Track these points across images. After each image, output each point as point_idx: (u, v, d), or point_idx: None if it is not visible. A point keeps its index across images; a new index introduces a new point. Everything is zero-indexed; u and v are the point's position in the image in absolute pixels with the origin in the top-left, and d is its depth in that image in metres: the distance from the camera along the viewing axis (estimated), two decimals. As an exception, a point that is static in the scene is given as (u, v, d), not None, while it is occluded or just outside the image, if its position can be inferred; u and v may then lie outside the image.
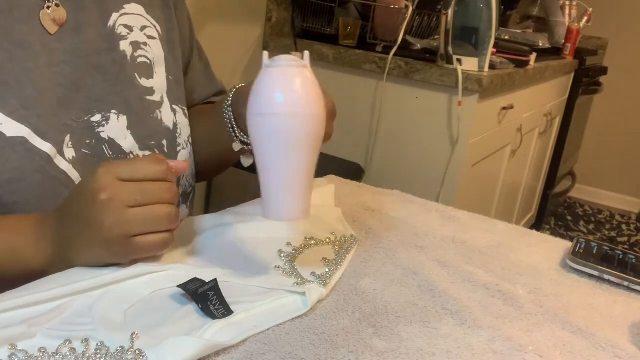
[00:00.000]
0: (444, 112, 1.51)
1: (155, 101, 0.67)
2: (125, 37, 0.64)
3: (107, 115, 0.61)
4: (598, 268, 0.62)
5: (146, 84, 0.66)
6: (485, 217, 0.77)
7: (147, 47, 0.66)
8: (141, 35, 0.66)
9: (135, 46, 0.65)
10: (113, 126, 0.62)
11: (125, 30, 0.64)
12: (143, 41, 0.66)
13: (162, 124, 0.67)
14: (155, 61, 0.67)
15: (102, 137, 0.61)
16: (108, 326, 0.43)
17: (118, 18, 0.64)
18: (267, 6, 1.72)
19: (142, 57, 0.66)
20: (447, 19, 1.44)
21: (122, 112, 0.63)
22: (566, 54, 2.43)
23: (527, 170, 2.31)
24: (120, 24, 0.64)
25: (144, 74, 0.66)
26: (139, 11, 0.66)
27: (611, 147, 3.52)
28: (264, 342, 0.45)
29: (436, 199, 1.54)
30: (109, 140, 0.61)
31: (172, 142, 0.68)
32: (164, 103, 0.68)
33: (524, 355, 0.47)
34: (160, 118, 0.67)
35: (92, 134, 0.60)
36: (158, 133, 0.66)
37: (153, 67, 0.67)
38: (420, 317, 0.51)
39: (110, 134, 0.61)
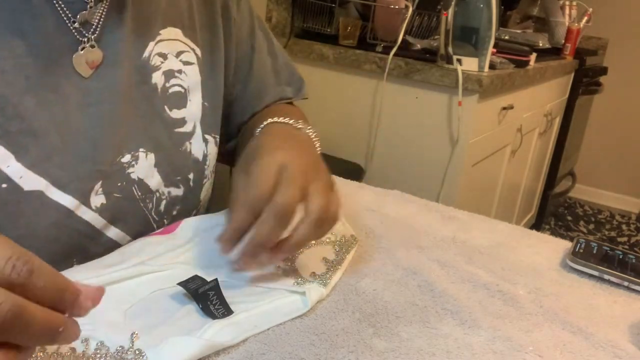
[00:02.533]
0: (444, 112, 1.51)
1: (185, 132, 0.62)
2: (158, 68, 0.59)
3: (136, 154, 0.57)
4: (598, 268, 0.62)
5: (176, 115, 0.61)
6: (485, 217, 0.77)
7: (182, 75, 0.62)
8: (176, 62, 0.61)
9: (167, 75, 0.60)
10: (142, 165, 0.58)
11: (159, 60, 0.59)
12: (178, 68, 0.61)
13: (191, 156, 0.63)
14: (190, 88, 0.63)
15: (132, 177, 0.57)
16: (108, 326, 0.43)
17: (154, 47, 0.59)
18: (267, 6, 1.72)
19: (175, 86, 0.61)
20: (447, 19, 1.44)
21: (150, 149, 0.58)
22: (566, 54, 2.43)
23: (527, 170, 2.31)
24: (155, 54, 0.59)
25: (175, 104, 0.61)
26: (175, 35, 0.61)
27: (611, 147, 3.52)
28: (264, 342, 0.45)
29: (436, 199, 1.54)
30: (138, 180, 0.58)
31: (198, 175, 0.64)
32: (195, 133, 0.64)
33: (524, 355, 0.47)
34: (189, 150, 0.63)
35: (123, 176, 0.56)
36: (185, 167, 0.63)
37: (187, 95, 0.63)
38: (420, 317, 0.51)
39: (140, 174, 0.58)
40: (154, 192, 0.59)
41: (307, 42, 1.68)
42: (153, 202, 0.59)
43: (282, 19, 1.77)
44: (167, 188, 0.60)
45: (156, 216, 0.60)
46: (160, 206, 0.60)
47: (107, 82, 0.54)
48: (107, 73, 0.54)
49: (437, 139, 1.53)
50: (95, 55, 0.53)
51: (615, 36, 3.36)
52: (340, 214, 0.53)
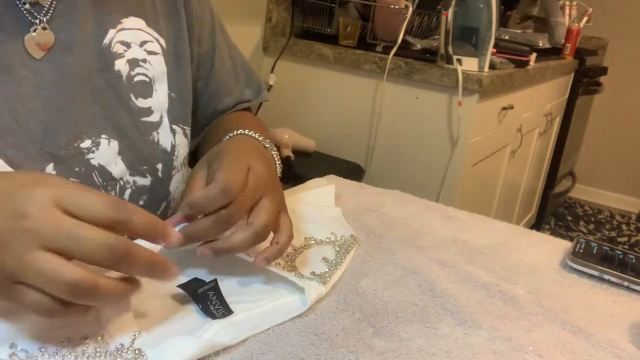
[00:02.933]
0: (444, 112, 1.51)
1: (152, 122, 0.63)
2: (121, 55, 0.59)
3: (97, 140, 0.57)
4: (598, 268, 0.62)
5: (143, 104, 0.62)
6: (485, 217, 0.77)
7: (147, 64, 0.62)
8: (140, 51, 0.61)
9: (132, 64, 0.60)
10: (103, 152, 0.58)
11: (122, 48, 0.59)
12: (142, 58, 0.61)
13: (158, 146, 0.63)
14: (155, 78, 0.63)
15: (92, 164, 0.57)
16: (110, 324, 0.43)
17: (115, 35, 0.59)
18: (267, 6, 1.72)
19: (140, 75, 0.61)
20: (447, 19, 1.44)
21: (113, 136, 0.59)
22: (566, 54, 2.43)
23: (527, 170, 2.31)
24: (116, 41, 0.59)
25: (141, 93, 0.61)
26: (138, 25, 0.61)
27: (611, 147, 3.52)
28: (264, 342, 0.45)
29: (436, 199, 1.54)
30: (99, 167, 0.57)
31: (167, 166, 0.64)
32: (163, 123, 0.64)
33: (524, 355, 0.47)
34: (157, 140, 0.63)
35: (81, 161, 0.56)
36: (153, 157, 0.63)
37: (153, 85, 0.63)
38: (420, 317, 0.51)
39: (101, 160, 0.58)
40: (117, 180, 0.59)
41: (307, 42, 1.68)
42: (116, 190, 0.59)
43: (282, 19, 1.77)
44: (132, 177, 0.60)
45: None
46: (125, 195, 0.60)
47: (60, 66, 0.54)
48: (59, 56, 0.54)
49: (437, 139, 1.53)
50: (47, 37, 0.53)
51: (615, 36, 3.36)
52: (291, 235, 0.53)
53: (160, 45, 0.64)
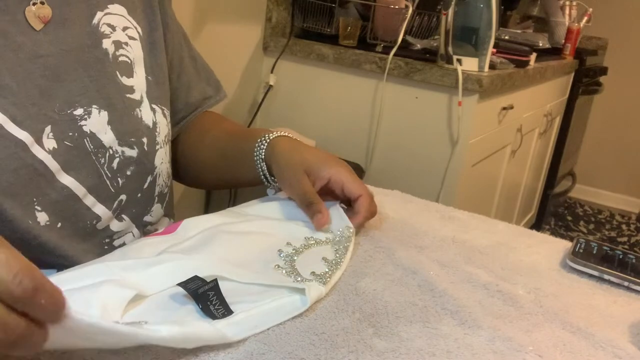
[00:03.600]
0: (444, 112, 1.51)
1: (135, 99, 0.67)
2: (108, 36, 0.65)
3: (88, 109, 0.62)
4: (598, 268, 0.62)
5: (127, 82, 0.66)
6: (485, 217, 0.77)
7: (128, 47, 0.67)
8: (123, 35, 0.67)
9: (117, 45, 0.66)
10: (94, 120, 0.62)
11: (109, 29, 0.65)
12: (124, 41, 0.67)
13: (142, 122, 0.67)
14: (135, 61, 0.68)
15: (84, 130, 0.61)
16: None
17: (102, 17, 0.65)
18: (267, 6, 1.72)
19: (123, 56, 0.66)
20: (447, 19, 1.44)
21: (103, 107, 0.63)
22: (566, 54, 2.43)
23: (527, 170, 2.31)
24: (104, 23, 0.65)
25: (125, 72, 0.66)
26: (121, 12, 0.67)
27: (611, 147, 3.52)
28: (264, 342, 0.45)
29: (436, 199, 1.54)
30: (90, 134, 0.61)
31: (151, 140, 0.68)
32: (144, 102, 0.68)
33: (524, 355, 0.47)
34: (140, 116, 0.67)
35: (74, 127, 0.60)
36: (138, 130, 0.67)
37: (133, 67, 0.68)
38: (420, 317, 0.51)
39: (92, 128, 0.62)
40: (107, 148, 0.63)
41: (307, 42, 1.68)
42: (106, 157, 0.63)
43: (282, 19, 1.77)
44: (120, 147, 0.64)
45: (109, 172, 0.64)
46: (113, 163, 0.64)
47: (56, 38, 0.59)
48: (56, 29, 0.59)
49: (437, 139, 1.53)
50: (45, 10, 0.59)
51: (615, 36, 3.36)
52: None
53: (137, 32, 0.69)
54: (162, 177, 0.71)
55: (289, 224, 0.65)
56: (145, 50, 0.70)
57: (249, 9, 1.67)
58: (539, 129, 2.27)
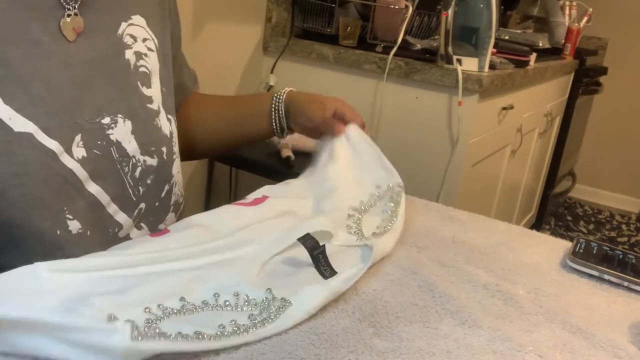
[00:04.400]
0: (444, 112, 1.51)
1: (154, 109, 0.69)
2: (130, 47, 0.66)
3: (114, 118, 0.63)
4: (598, 268, 0.62)
5: (147, 92, 0.68)
6: (485, 217, 0.77)
7: (147, 58, 0.69)
8: (142, 46, 0.68)
9: (137, 56, 0.67)
10: (120, 129, 0.63)
11: (131, 40, 0.66)
12: (144, 52, 0.68)
13: (161, 131, 0.69)
14: (152, 72, 0.70)
15: (111, 139, 0.62)
16: (247, 284, 0.51)
17: (126, 27, 0.66)
18: (267, 6, 1.72)
19: (143, 67, 0.68)
20: (447, 19, 1.44)
21: (127, 116, 0.64)
22: (566, 54, 2.43)
23: (527, 170, 2.31)
24: (127, 33, 0.66)
25: (145, 83, 0.68)
26: (142, 23, 0.69)
27: (611, 147, 3.52)
28: (264, 342, 0.45)
29: (436, 199, 1.54)
30: (117, 142, 0.63)
31: (169, 150, 0.70)
32: (161, 112, 0.70)
33: (524, 355, 0.47)
34: (160, 126, 0.69)
35: (102, 136, 0.61)
36: (159, 140, 0.68)
37: (151, 78, 0.69)
38: (420, 317, 0.51)
39: (118, 136, 0.63)
40: (131, 157, 0.65)
41: (307, 42, 1.68)
42: (129, 166, 0.65)
43: (282, 19, 1.77)
44: (142, 156, 0.66)
45: (131, 181, 0.65)
46: (136, 172, 0.65)
47: (87, 48, 0.61)
48: (87, 40, 0.61)
49: (437, 139, 1.53)
50: (79, 22, 0.60)
51: (615, 36, 3.36)
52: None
53: (155, 44, 0.70)
54: (177, 187, 0.73)
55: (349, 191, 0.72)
56: (160, 61, 0.71)
57: (249, 9, 1.67)
58: (539, 129, 2.27)
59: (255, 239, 0.59)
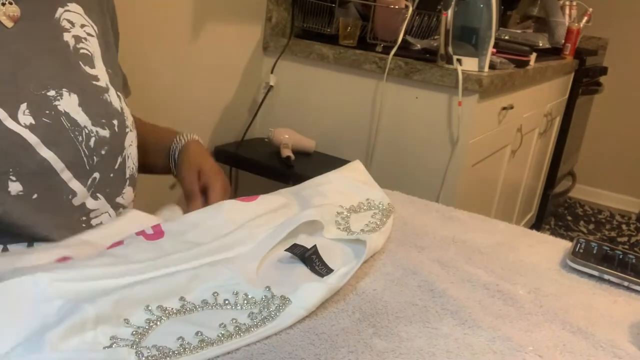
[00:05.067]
0: (444, 112, 1.51)
1: (101, 86, 0.71)
2: (68, 30, 0.69)
3: (59, 92, 0.65)
4: (598, 268, 0.62)
5: (91, 71, 0.71)
6: (485, 217, 0.77)
7: (87, 42, 0.72)
8: (81, 31, 0.71)
9: (77, 39, 0.70)
10: (66, 102, 0.65)
11: (68, 24, 0.69)
12: (83, 36, 0.71)
13: (111, 105, 0.71)
14: (94, 55, 0.72)
15: (59, 109, 0.64)
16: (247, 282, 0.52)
17: (63, 12, 0.69)
18: (267, 6, 1.72)
19: (83, 49, 0.71)
20: (447, 19, 1.44)
21: (73, 91, 0.66)
22: (566, 54, 2.43)
23: (527, 170, 2.31)
24: (64, 18, 0.69)
25: (87, 63, 0.71)
26: (78, 11, 0.72)
27: (611, 147, 3.52)
28: (264, 342, 0.45)
29: (436, 199, 1.54)
30: (65, 113, 0.65)
31: (121, 124, 0.72)
32: (110, 89, 0.72)
33: (524, 355, 0.47)
34: (109, 100, 0.71)
35: (50, 106, 0.63)
36: (108, 113, 0.70)
37: (94, 60, 0.72)
38: (420, 317, 0.51)
39: (66, 108, 0.65)
40: (82, 127, 0.66)
41: (307, 42, 1.68)
42: (83, 135, 0.66)
43: (282, 19, 1.77)
44: (94, 127, 0.68)
45: (86, 150, 0.67)
46: (90, 142, 0.67)
47: (25, 31, 0.64)
48: (25, 25, 0.64)
49: (437, 139, 1.53)
50: (14, 10, 0.63)
51: (615, 36, 3.36)
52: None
53: (94, 30, 0.74)
54: (131, 160, 0.75)
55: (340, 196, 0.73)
56: (102, 47, 0.74)
57: (249, 9, 1.67)
58: (539, 129, 2.27)
59: (251, 235, 0.60)
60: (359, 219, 0.69)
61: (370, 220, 0.69)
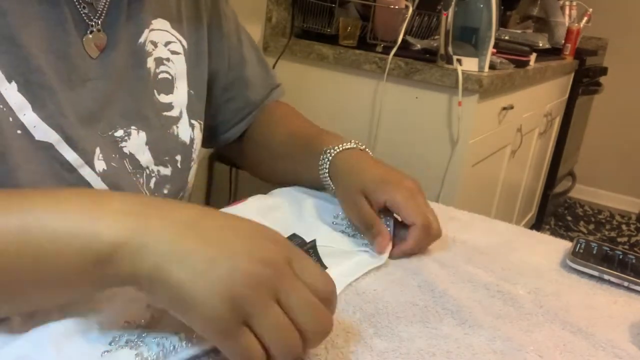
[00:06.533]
0: (444, 112, 1.51)
1: (172, 117, 0.67)
2: (150, 54, 0.64)
3: (128, 131, 0.62)
4: (598, 268, 0.62)
5: (165, 99, 0.66)
6: (486, 217, 0.77)
7: (170, 63, 0.67)
8: (165, 50, 0.66)
9: (158, 62, 0.65)
10: (134, 141, 0.62)
11: (152, 46, 0.64)
12: (166, 57, 0.66)
13: (178, 139, 0.68)
14: (177, 76, 0.68)
15: (124, 152, 0.61)
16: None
17: (148, 34, 0.64)
18: (267, 6, 1.72)
19: (163, 72, 0.66)
20: (447, 19, 1.44)
21: (142, 128, 0.63)
22: (566, 54, 2.43)
23: (527, 170, 2.31)
24: (149, 40, 0.64)
25: (164, 89, 0.66)
26: (164, 26, 0.66)
27: (611, 147, 3.52)
28: (264, 342, 0.45)
29: (436, 199, 1.54)
30: (130, 155, 0.62)
31: (186, 158, 0.68)
32: (182, 118, 0.68)
33: (524, 355, 0.47)
34: (176, 133, 0.68)
35: (116, 149, 0.61)
36: (173, 148, 0.67)
37: (174, 83, 0.67)
38: (420, 317, 0.51)
39: (131, 149, 0.62)
40: (144, 169, 0.64)
41: (307, 42, 1.68)
42: (143, 177, 0.64)
43: (282, 19, 1.77)
44: (156, 167, 0.65)
45: (147, 192, 0.65)
46: (151, 183, 0.65)
47: (108, 62, 0.59)
48: (109, 54, 0.59)
49: (437, 139, 1.53)
50: (101, 39, 0.58)
51: (615, 36, 3.36)
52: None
53: (182, 45, 0.68)
54: (189, 191, 0.72)
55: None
56: (189, 63, 0.69)
57: (249, 9, 1.67)
58: (539, 129, 2.27)
59: None
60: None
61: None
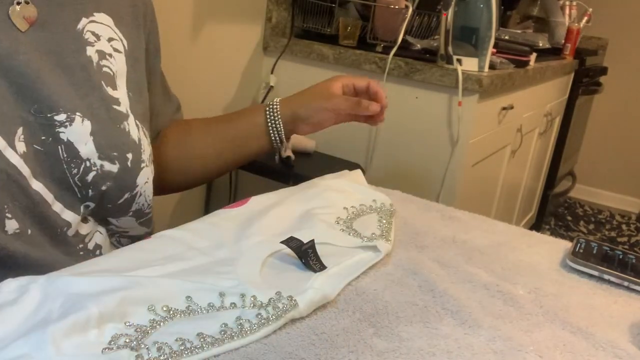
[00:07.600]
0: (444, 112, 1.51)
1: (122, 112, 0.64)
2: (92, 44, 0.62)
3: (71, 116, 0.58)
4: (598, 268, 0.62)
5: (113, 94, 0.64)
6: (486, 217, 0.77)
7: (112, 59, 0.64)
8: (107, 45, 0.64)
9: (100, 55, 0.63)
10: (76, 129, 0.59)
11: (93, 37, 0.62)
12: (109, 52, 0.64)
13: (129, 136, 0.64)
14: (117, 74, 0.65)
15: (61, 137, 0.58)
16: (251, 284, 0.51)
17: (87, 23, 0.62)
18: (267, 6, 1.72)
19: (106, 67, 0.63)
20: (447, 19, 1.44)
21: (87, 117, 0.60)
22: (566, 54, 2.43)
23: (527, 170, 2.31)
24: (88, 30, 0.62)
25: (110, 83, 0.64)
26: (107, 22, 0.65)
27: (611, 147, 3.52)
28: (264, 342, 0.45)
29: (436, 199, 1.54)
30: (67, 142, 0.58)
31: (137, 157, 0.65)
32: (130, 117, 0.65)
33: (524, 355, 0.47)
34: (127, 130, 0.64)
35: (49, 132, 0.57)
36: (124, 144, 0.63)
37: (115, 80, 0.65)
38: (420, 317, 0.51)
39: (71, 136, 0.58)
40: (84, 160, 0.60)
41: (307, 42, 1.68)
42: (80, 169, 0.60)
43: (282, 19, 1.77)
44: (100, 160, 0.61)
45: (79, 182, 0.60)
46: (88, 176, 0.60)
47: (41, 39, 0.56)
48: (41, 30, 0.56)
49: (437, 139, 1.53)
50: (30, 10, 0.56)
51: (615, 36, 3.36)
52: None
53: (123, 45, 0.67)
54: (143, 197, 0.68)
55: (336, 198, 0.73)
56: (129, 65, 0.67)
57: (249, 9, 1.67)
58: (539, 129, 2.27)
59: (253, 235, 0.60)
60: (365, 222, 0.68)
61: (378, 225, 0.68)
